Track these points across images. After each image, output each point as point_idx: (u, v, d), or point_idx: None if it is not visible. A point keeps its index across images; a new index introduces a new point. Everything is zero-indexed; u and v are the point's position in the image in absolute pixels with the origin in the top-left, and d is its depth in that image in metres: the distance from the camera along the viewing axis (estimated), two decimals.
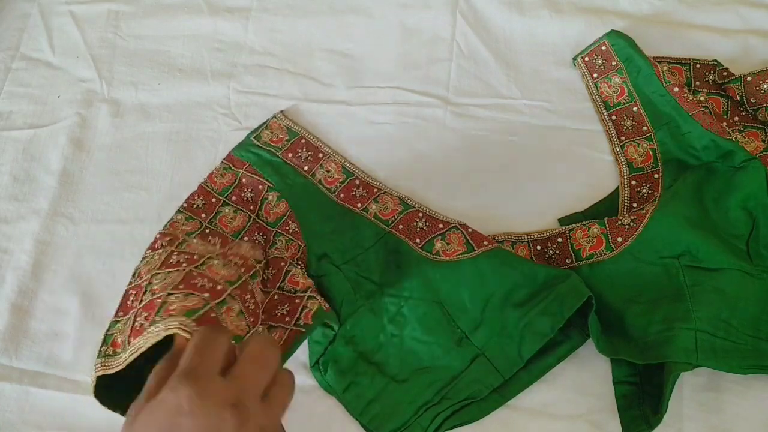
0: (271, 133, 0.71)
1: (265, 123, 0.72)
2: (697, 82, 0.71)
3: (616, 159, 0.68)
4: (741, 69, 0.70)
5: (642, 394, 0.55)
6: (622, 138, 0.69)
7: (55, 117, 0.76)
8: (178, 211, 0.67)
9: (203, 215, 0.66)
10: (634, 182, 0.66)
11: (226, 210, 0.67)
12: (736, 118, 0.69)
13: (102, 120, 0.75)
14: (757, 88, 0.68)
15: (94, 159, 0.73)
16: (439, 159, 0.70)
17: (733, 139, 0.63)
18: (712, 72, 0.72)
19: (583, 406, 0.57)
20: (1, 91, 0.78)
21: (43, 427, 0.59)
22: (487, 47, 0.76)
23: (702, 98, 0.70)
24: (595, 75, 0.72)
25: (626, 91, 0.70)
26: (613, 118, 0.70)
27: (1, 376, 0.61)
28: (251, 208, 0.67)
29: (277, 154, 0.69)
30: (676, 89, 0.67)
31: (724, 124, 0.67)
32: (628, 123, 0.69)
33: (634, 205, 0.65)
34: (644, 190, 0.66)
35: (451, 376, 0.56)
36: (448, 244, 0.61)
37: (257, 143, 0.70)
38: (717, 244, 0.57)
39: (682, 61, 0.73)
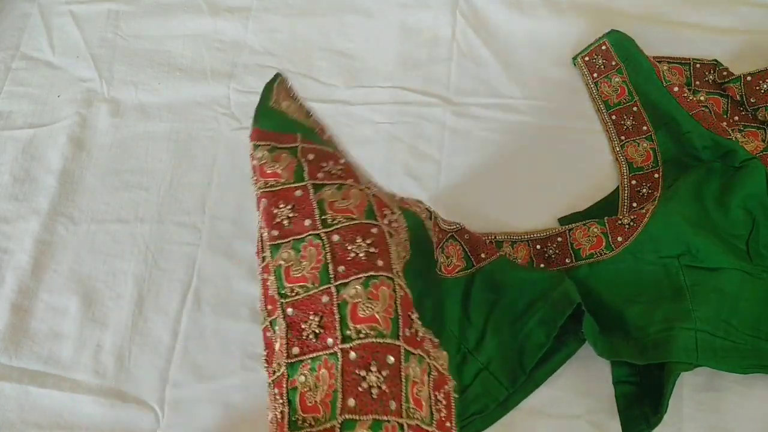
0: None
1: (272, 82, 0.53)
2: (697, 82, 0.71)
3: (616, 159, 0.68)
4: (741, 69, 0.70)
5: (642, 394, 0.55)
6: (622, 138, 0.69)
7: (55, 117, 0.76)
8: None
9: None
10: (634, 182, 0.66)
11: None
12: (736, 118, 0.69)
13: (102, 120, 0.75)
14: (757, 88, 0.68)
15: (94, 159, 0.73)
16: (439, 159, 0.70)
17: (733, 138, 0.63)
18: (712, 72, 0.72)
19: (583, 406, 0.56)
20: (1, 90, 0.78)
21: (43, 425, 0.59)
22: (487, 47, 0.76)
23: (702, 98, 0.70)
24: (595, 75, 0.72)
25: (626, 90, 0.70)
26: (613, 117, 0.70)
27: (1, 375, 0.61)
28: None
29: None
30: (676, 89, 0.67)
31: (724, 123, 0.67)
32: (628, 122, 0.69)
33: (634, 204, 0.65)
34: (644, 190, 0.65)
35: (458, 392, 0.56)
36: (447, 258, 0.61)
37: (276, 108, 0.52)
38: (717, 244, 0.57)
39: (682, 61, 0.73)
